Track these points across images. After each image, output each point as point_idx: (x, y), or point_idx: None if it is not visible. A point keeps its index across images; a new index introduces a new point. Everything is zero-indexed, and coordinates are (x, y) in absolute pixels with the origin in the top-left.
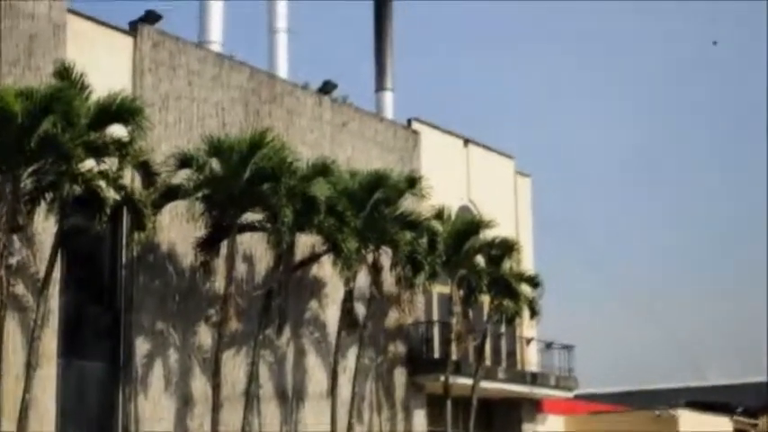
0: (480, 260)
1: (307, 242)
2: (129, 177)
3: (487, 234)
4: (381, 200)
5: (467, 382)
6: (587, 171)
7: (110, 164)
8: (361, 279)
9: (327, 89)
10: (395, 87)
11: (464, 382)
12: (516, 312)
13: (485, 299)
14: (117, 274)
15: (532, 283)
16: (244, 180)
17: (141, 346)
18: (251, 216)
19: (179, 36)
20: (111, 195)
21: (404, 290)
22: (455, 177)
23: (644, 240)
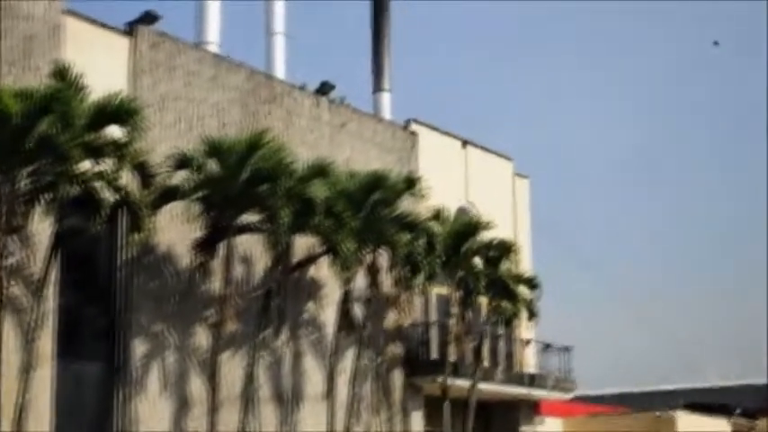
0: (478, 261)
1: (304, 243)
2: (127, 178)
3: (486, 235)
4: (379, 201)
5: (465, 383)
6: (585, 172)
7: (107, 165)
8: (359, 280)
9: (325, 90)
10: (393, 88)
11: (462, 383)
12: (514, 314)
13: (483, 300)
14: (114, 275)
15: (530, 284)
16: (242, 181)
17: (138, 347)
18: (249, 217)
19: (177, 37)
20: (109, 196)
21: (402, 291)
22: (453, 178)
23: (642, 242)
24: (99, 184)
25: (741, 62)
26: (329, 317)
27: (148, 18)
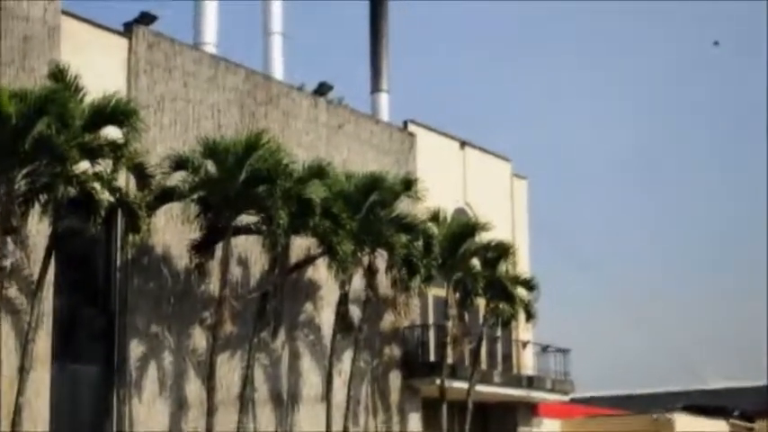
0: (476, 263)
1: (302, 245)
2: (124, 179)
3: (483, 237)
4: (377, 202)
5: (462, 385)
6: (584, 173)
7: (104, 166)
8: (357, 282)
9: (323, 91)
10: (390, 89)
11: (460, 385)
12: (512, 316)
13: (480, 302)
14: (111, 277)
15: (528, 286)
16: (239, 182)
17: (135, 348)
18: (246, 218)
19: (174, 37)
20: (106, 197)
21: (399, 293)
22: (451, 180)
23: (641, 243)
24: (96, 185)
25: (741, 62)
26: (327, 318)
27: (146, 18)
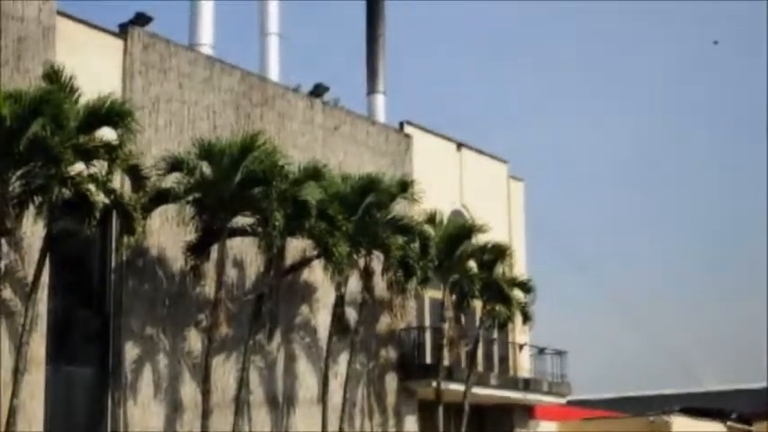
0: (472, 265)
1: (298, 246)
2: (119, 181)
3: (480, 239)
4: (373, 204)
5: (459, 387)
6: (581, 175)
7: (99, 167)
8: (353, 284)
9: (319, 92)
10: (387, 90)
11: (456, 387)
12: (509, 318)
13: (477, 304)
14: (106, 279)
15: (525, 288)
16: (234, 184)
17: (130, 351)
18: (241, 220)
19: (169, 38)
20: (101, 199)
21: (395, 295)
22: (448, 181)
23: (638, 244)
24: (91, 186)
25: (741, 62)
26: (322, 320)
27: (141, 19)
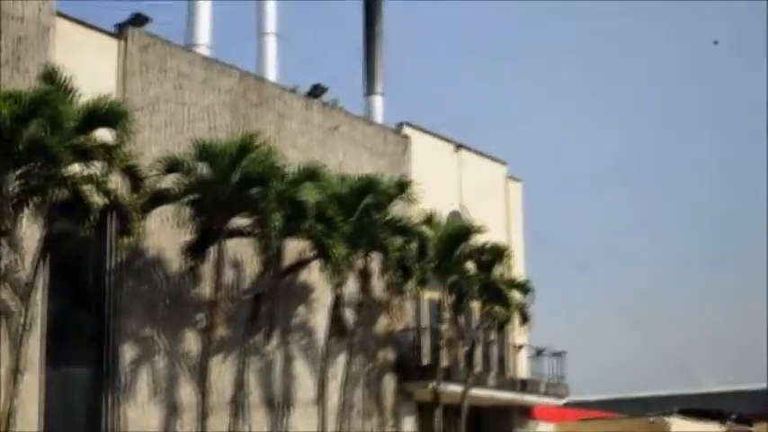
0: (471, 266)
1: (295, 247)
2: (117, 182)
3: (478, 240)
4: (371, 205)
5: (457, 389)
6: (579, 176)
7: (97, 168)
8: (351, 285)
9: (317, 93)
10: (385, 91)
11: (454, 389)
12: (507, 319)
13: (475, 305)
14: (103, 280)
15: (523, 289)
16: (232, 184)
17: (128, 352)
18: (239, 221)
19: (167, 39)
20: (98, 200)
21: (393, 296)
22: (446, 182)
23: (636, 245)
24: (88, 187)
25: (741, 62)
26: (320, 322)
27: (138, 20)
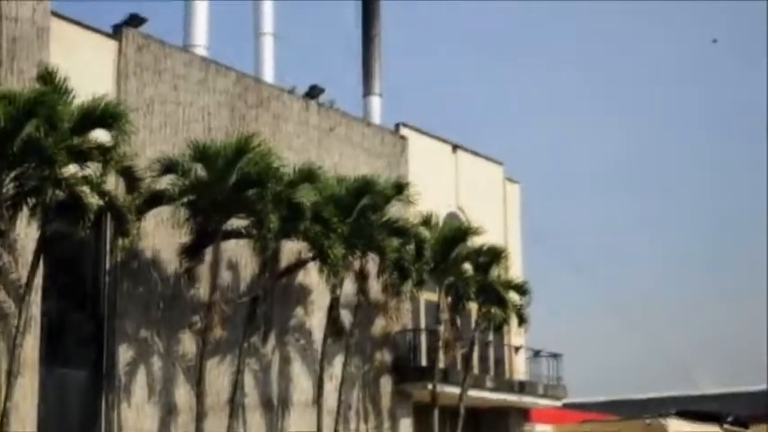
0: (468, 267)
1: (292, 249)
2: (113, 183)
3: (475, 241)
4: (368, 206)
5: (454, 390)
6: (577, 176)
7: (93, 169)
8: (348, 286)
9: (314, 94)
10: (383, 91)
11: (451, 390)
12: (504, 320)
13: (472, 306)
14: (100, 281)
15: (521, 290)
16: (229, 186)
17: (124, 353)
18: (236, 222)
19: (164, 39)
20: (95, 201)
21: (391, 297)
22: (443, 183)
23: (634, 246)
24: (85, 188)
25: (741, 62)
26: (317, 323)
27: (135, 20)
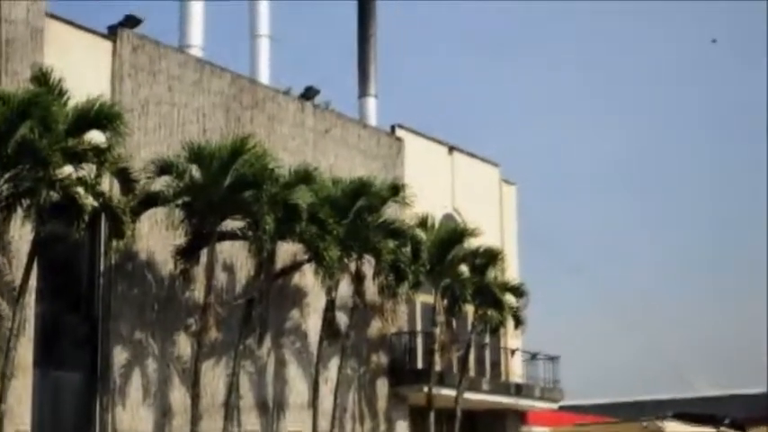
0: (464, 269)
1: (288, 250)
2: (108, 184)
3: (472, 243)
4: (364, 208)
5: (450, 393)
6: (574, 177)
7: (88, 170)
8: (344, 288)
9: (310, 95)
10: (379, 92)
11: (448, 393)
12: (501, 322)
13: (469, 308)
14: (95, 283)
15: (517, 292)
16: (224, 187)
17: (119, 355)
18: (231, 224)
19: (159, 40)
20: (89, 202)
21: (387, 299)
22: (439, 185)
23: (631, 248)
24: (79, 189)
25: (741, 62)
26: (313, 325)
27: (131, 21)
